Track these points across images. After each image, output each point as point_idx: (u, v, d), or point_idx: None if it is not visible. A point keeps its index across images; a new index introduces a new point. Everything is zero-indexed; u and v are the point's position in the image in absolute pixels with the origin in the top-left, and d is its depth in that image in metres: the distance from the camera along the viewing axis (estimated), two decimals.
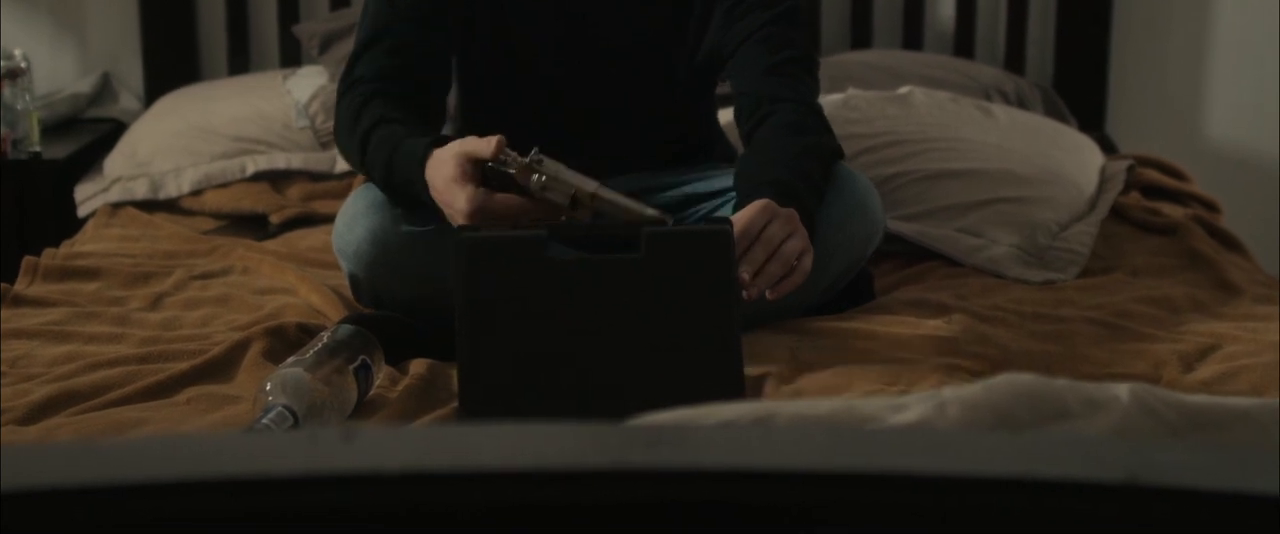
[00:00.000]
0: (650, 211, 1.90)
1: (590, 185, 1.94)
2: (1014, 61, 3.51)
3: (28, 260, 2.52)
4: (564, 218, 1.95)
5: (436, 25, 2.29)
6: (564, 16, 2.33)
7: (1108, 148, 3.28)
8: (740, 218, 1.96)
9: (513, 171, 1.96)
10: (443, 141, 2.07)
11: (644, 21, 2.34)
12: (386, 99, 2.22)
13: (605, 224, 1.91)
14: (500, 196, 1.97)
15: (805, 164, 2.16)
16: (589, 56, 2.34)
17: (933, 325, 2.22)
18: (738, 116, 2.31)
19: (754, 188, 2.09)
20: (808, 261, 2.00)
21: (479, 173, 1.99)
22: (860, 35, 3.51)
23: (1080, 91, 3.49)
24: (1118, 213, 2.79)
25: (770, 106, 2.25)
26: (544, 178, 1.95)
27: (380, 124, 2.17)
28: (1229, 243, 2.71)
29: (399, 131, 2.14)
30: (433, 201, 2.06)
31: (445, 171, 2.00)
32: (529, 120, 2.34)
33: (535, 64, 2.35)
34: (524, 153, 1.97)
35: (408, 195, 2.12)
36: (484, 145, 1.98)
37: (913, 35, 3.51)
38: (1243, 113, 3.57)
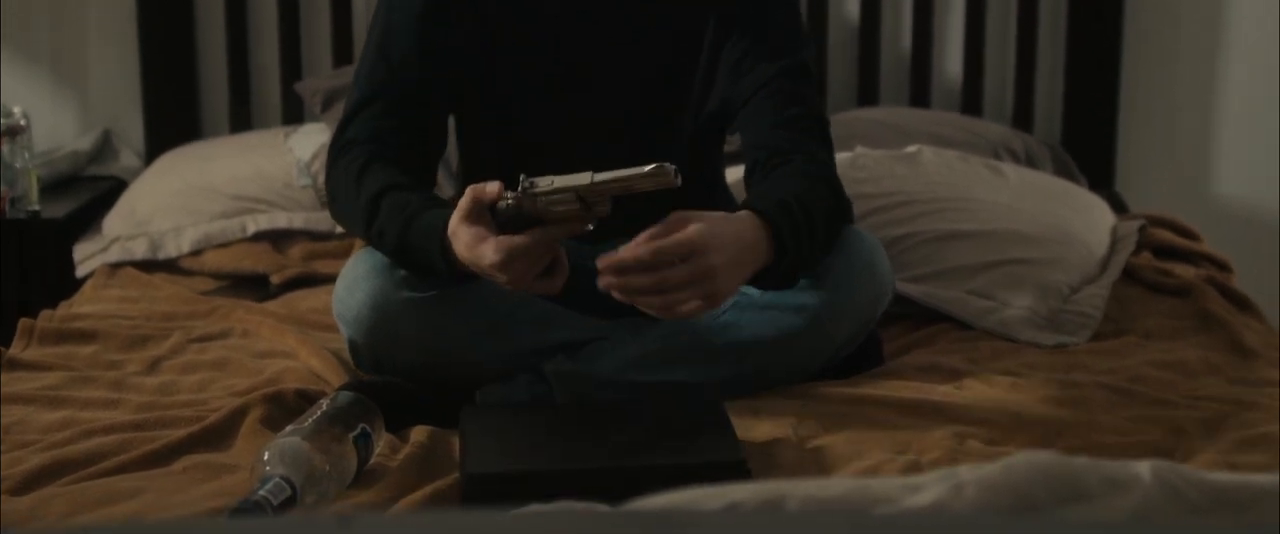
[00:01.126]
0: (647, 168, 1.92)
1: (584, 178, 1.95)
2: (1022, 119, 3.48)
3: (24, 323, 2.49)
4: (589, 225, 1.98)
5: (433, 84, 2.27)
6: (564, 73, 2.31)
7: (1118, 206, 3.25)
8: (672, 240, 1.95)
9: (517, 205, 1.97)
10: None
11: (646, 77, 2.32)
12: (385, 163, 2.19)
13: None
14: (521, 236, 1.97)
15: (804, 201, 2.12)
16: (590, 113, 2.32)
17: (943, 391, 2.19)
18: (747, 173, 2.28)
19: (746, 205, 2.08)
20: (695, 309, 1.98)
21: (493, 222, 1.99)
22: (867, 92, 3.48)
23: (1089, 149, 3.47)
24: (1129, 273, 2.76)
25: (779, 160, 2.22)
26: (542, 196, 1.96)
27: (389, 190, 2.14)
28: (1242, 304, 2.68)
29: (412, 200, 2.12)
30: (449, 271, 2.06)
31: (464, 237, 1.99)
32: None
33: (535, 121, 2.32)
34: None
35: (422, 266, 2.10)
36: (486, 191, 1.98)
37: (920, 92, 3.49)
38: (1252, 169, 3.54)
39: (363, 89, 2.26)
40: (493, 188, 1.99)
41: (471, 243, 1.99)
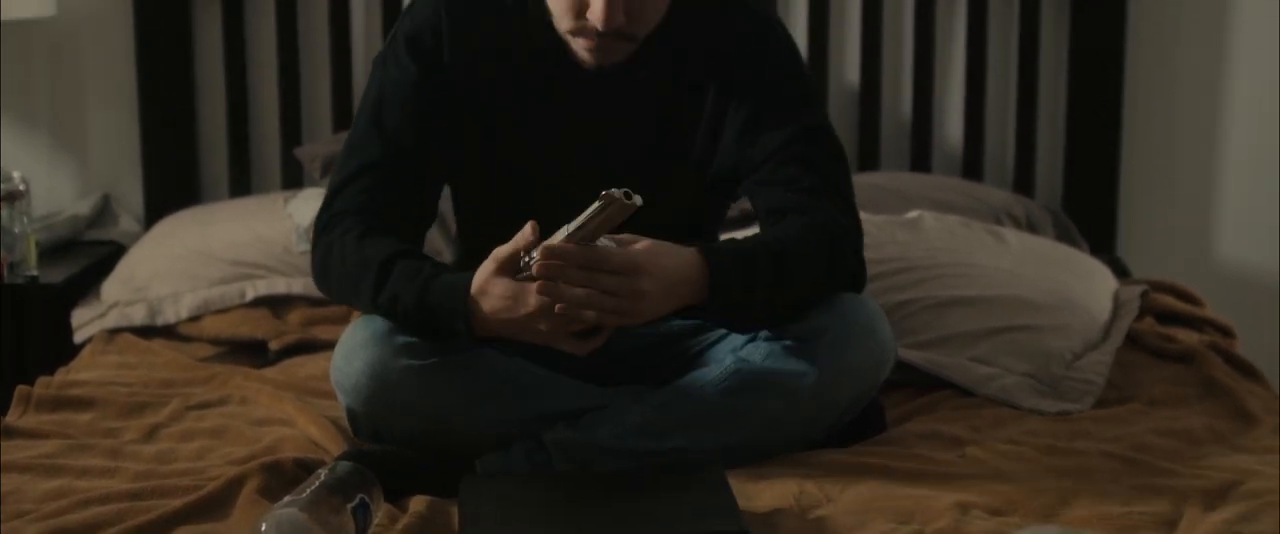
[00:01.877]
0: (595, 205, 1.96)
1: (561, 234, 2.01)
2: (1023, 183, 3.48)
3: (21, 390, 2.48)
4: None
5: (427, 155, 2.26)
6: (563, 139, 2.30)
7: (1119, 271, 3.24)
8: (615, 252, 2.01)
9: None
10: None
11: (646, 141, 2.31)
12: (382, 233, 2.19)
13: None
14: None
15: (776, 251, 2.13)
16: (588, 178, 2.30)
17: (946, 460, 2.18)
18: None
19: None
20: (607, 321, 2.03)
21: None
22: (868, 156, 3.48)
23: (1090, 213, 3.46)
24: (1132, 339, 2.75)
25: (784, 218, 2.22)
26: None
27: (400, 257, 2.15)
28: (1246, 370, 2.67)
29: (426, 265, 2.14)
30: (468, 332, 2.06)
31: (498, 290, 2.04)
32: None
33: (535, 187, 2.32)
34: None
35: (440, 329, 2.10)
36: (516, 245, 2.04)
37: (921, 157, 3.48)
38: (1253, 232, 3.54)
39: (354, 160, 2.26)
40: (520, 242, 2.03)
41: (508, 293, 2.02)
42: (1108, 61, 3.44)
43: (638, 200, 1.96)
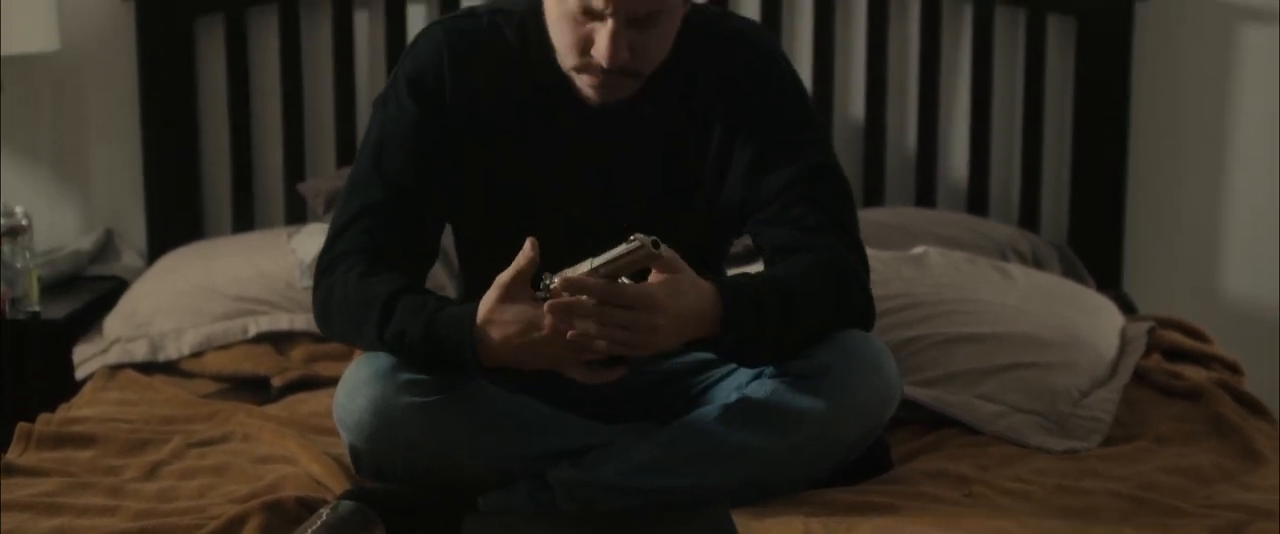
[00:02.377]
0: (628, 247, 1.97)
1: (584, 266, 2.02)
2: (1028, 218, 3.47)
3: (22, 427, 2.47)
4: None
5: (428, 196, 2.26)
6: (566, 178, 2.29)
7: (1126, 306, 3.24)
8: (634, 288, 2.00)
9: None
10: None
11: (649, 180, 2.30)
12: (385, 272, 2.18)
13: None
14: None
15: (785, 287, 2.12)
16: (594, 215, 2.30)
17: (952, 499, 2.16)
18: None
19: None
20: (619, 350, 2.03)
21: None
22: (872, 192, 3.47)
23: (1096, 248, 3.46)
24: (1139, 376, 2.74)
25: (791, 255, 2.21)
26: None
27: (404, 292, 2.14)
28: (1254, 408, 2.66)
29: (430, 299, 2.13)
30: (475, 363, 2.06)
31: (507, 316, 2.04)
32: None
33: (538, 225, 2.30)
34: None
35: (447, 361, 2.09)
36: (520, 273, 2.04)
37: (925, 192, 3.48)
38: (1259, 267, 3.53)
39: (356, 201, 2.25)
40: (521, 263, 2.04)
41: (518, 318, 2.03)
42: (1113, 96, 3.44)
43: (664, 251, 1.98)
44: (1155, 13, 3.44)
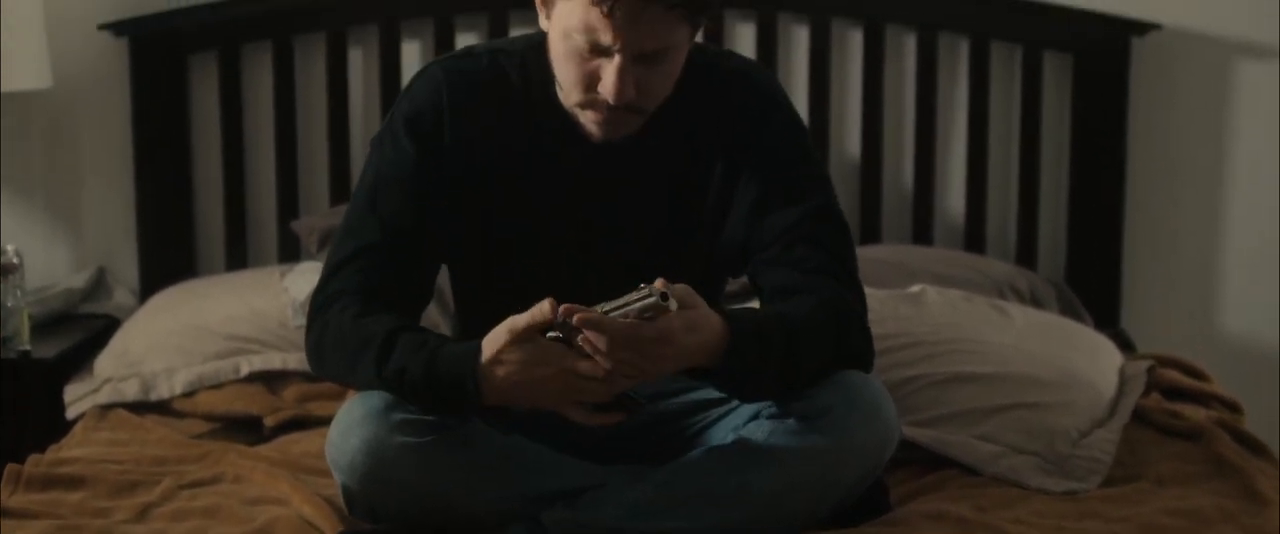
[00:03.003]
0: (643, 300, 1.97)
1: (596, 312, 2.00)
2: (1026, 256, 3.46)
3: (11, 468, 2.45)
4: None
5: (424, 238, 2.24)
6: (565, 218, 2.28)
7: (1124, 344, 3.23)
8: (650, 328, 1.99)
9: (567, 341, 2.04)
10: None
11: (650, 220, 2.29)
12: (381, 311, 2.16)
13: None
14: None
15: (790, 325, 2.11)
16: (592, 255, 2.29)
17: None
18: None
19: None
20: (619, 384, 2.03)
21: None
22: (869, 229, 3.46)
23: (1094, 286, 3.45)
24: (1139, 416, 2.73)
25: (793, 295, 2.19)
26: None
27: (403, 330, 2.13)
28: (1255, 448, 2.64)
29: (431, 337, 2.12)
30: (477, 400, 2.05)
31: (516, 357, 2.03)
32: None
33: (536, 265, 2.29)
34: None
35: (449, 397, 2.07)
36: (535, 319, 2.02)
37: (922, 229, 3.47)
38: (1256, 305, 3.53)
39: (350, 242, 2.24)
40: (538, 317, 2.02)
41: (524, 358, 2.02)
42: (1110, 133, 3.43)
43: (673, 305, 1.98)
44: (1151, 49, 3.44)
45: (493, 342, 2.05)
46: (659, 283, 1.99)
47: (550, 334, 2.02)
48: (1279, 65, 3.44)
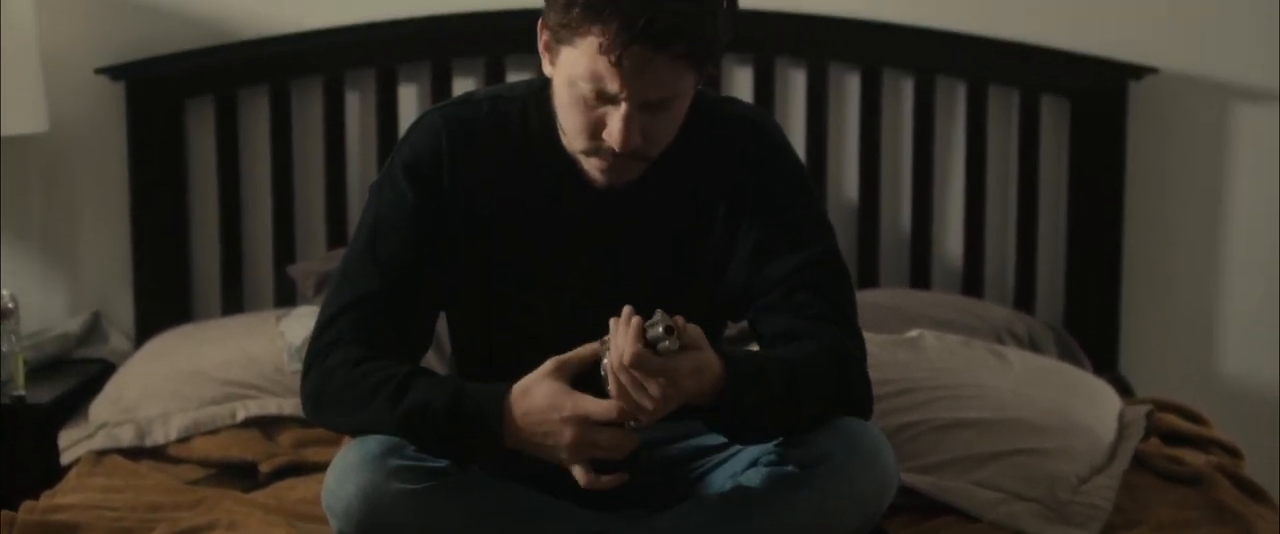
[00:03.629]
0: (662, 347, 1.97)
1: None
2: (1024, 300, 3.46)
3: (4, 515, 2.43)
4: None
5: (423, 286, 2.23)
6: (569, 258, 2.27)
7: (1123, 389, 3.22)
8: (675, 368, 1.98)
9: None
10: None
11: (651, 264, 2.28)
12: (383, 357, 2.15)
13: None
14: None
15: (790, 370, 2.10)
16: (593, 299, 2.27)
17: None
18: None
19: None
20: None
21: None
22: (867, 272, 3.45)
23: (1092, 330, 3.44)
24: (1139, 461, 2.71)
25: (791, 342, 2.19)
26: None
27: (420, 372, 2.12)
28: (1255, 493, 2.63)
29: (450, 378, 2.12)
30: (498, 430, 2.05)
31: (539, 391, 2.04)
32: (526, 364, 2.25)
33: (536, 310, 2.28)
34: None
35: (470, 431, 2.06)
36: (583, 358, 2.04)
37: (920, 273, 3.46)
38: (1255, 349, 3.52)
39: (348, 290, 2.22)
40: (587, 352, 2.03)
41: (548, 398, 2.03)
42: (1107, 176, 3.43)
43: (674, 345, 1.99)
44: (1148, 93, 3.44)
45: (533, 375, 2.06)
46: (678, 320, 1.99)
47: (661, 348, 2.00)
48: (1277, 108, 3.44)
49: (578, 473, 2.05)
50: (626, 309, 2.01)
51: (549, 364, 2.06)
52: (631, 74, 2.06)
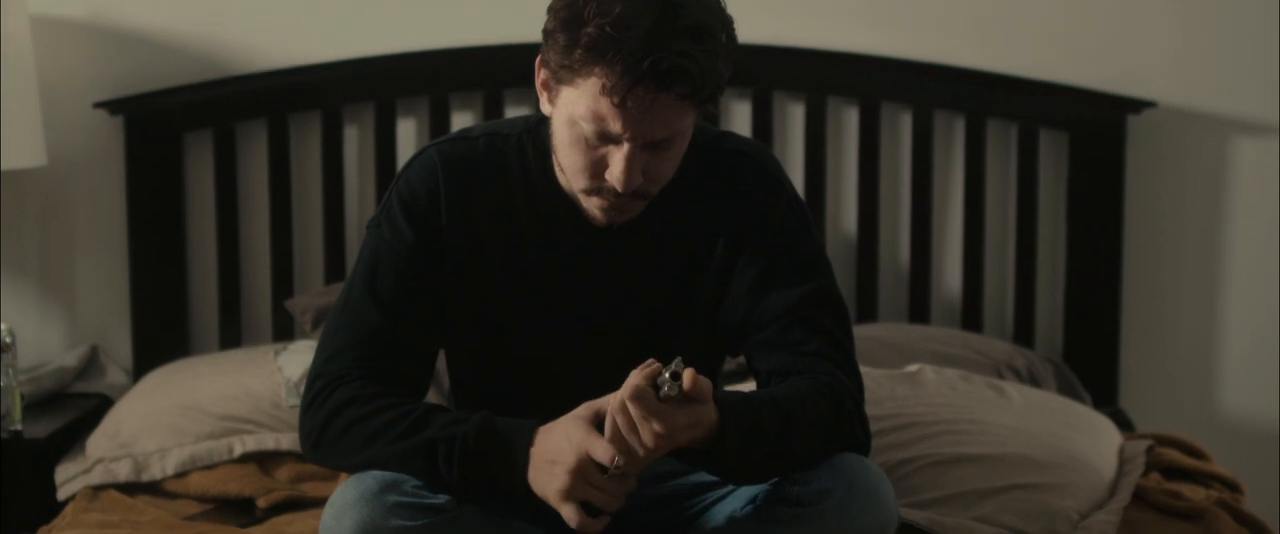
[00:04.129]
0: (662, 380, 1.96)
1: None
2: (1023, 334, 3.45)
3: None
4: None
5: (420, 321, 2.22)
6: (567, 295, 2.26)
7: (1123, 423, 3.21)
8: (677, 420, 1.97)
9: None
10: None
11: (650, 298, 2.27)
12: (392, 396, 2.14)
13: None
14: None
15: (786, 407, 2.09)
16: (591, 334, 2.27)
17: None
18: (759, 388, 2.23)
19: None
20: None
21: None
22: (866, 307, 3.45)
23: (1092, 364, 3.43)
24: (1139, 496, 2.70)
25: (787, 379, 2.18)
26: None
27: (439, 408, 2.12)
28: (1256, 528, 2.62)
29: (470, 413, 2.10)
30: (524, 461, 2.04)
31: (558, 429, 2.03)
32: (525, 401, 2.25)
33: (534, 345, 2.28)
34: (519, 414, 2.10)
35: (495, 460, 2.06)
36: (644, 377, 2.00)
37: (919, 307, 3.45)
38: (1256, 383, 3.51)
39: (346, 330, 2.21)
40: (649, 372, 1.99)
41: (567, 438, 2.01)
42: (1106, 210, 3.42)
43: (672, 389, 1.97)
44: (1147, 126, 3.44)
45: (572, 413, 2.05)
46: (689, 372, 1.97)
47: (663, 394, 1.98)
48: (1276, 142, 3.43)
49: (567, 513, 2.03)
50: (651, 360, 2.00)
51: (582, 406, 2.05)
52: (635, 115, 2.05)
